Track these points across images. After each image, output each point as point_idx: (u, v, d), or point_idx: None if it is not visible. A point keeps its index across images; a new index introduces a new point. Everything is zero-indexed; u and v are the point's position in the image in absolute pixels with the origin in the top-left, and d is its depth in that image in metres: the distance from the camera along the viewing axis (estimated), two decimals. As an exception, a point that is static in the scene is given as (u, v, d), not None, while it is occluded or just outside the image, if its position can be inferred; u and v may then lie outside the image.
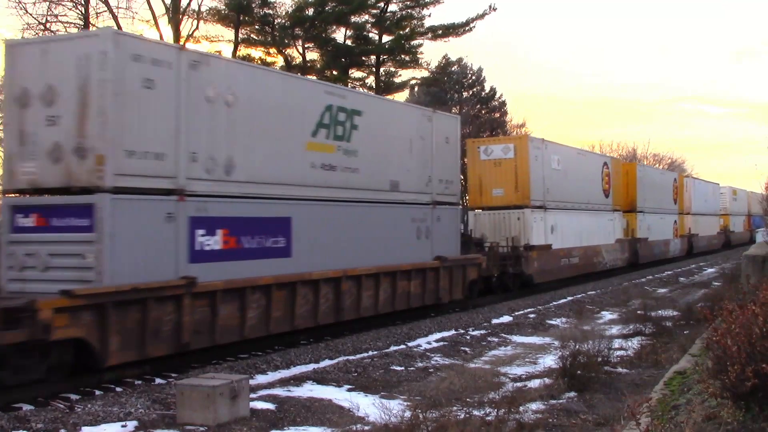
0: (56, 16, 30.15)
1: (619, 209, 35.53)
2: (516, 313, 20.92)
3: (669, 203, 43.36)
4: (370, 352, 14.82)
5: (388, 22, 43.03)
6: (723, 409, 7.28)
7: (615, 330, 17.84)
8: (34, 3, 30.23)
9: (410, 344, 15.87)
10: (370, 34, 44.05)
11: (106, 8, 32.05)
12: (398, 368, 13.46)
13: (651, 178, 40.70)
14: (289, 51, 42.35)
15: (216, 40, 39.70)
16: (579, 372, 11.61)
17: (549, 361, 13.90)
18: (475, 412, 9.46)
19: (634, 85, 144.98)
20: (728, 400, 7.21)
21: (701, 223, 51.22)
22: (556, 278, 28.01)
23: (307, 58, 42.75)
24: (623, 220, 36.09)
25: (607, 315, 21.06)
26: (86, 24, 30.39)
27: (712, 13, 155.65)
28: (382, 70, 44.90)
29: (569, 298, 24.79)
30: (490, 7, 42.66)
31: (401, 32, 43.39)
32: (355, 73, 45.25)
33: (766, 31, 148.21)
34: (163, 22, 35.47)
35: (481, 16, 43.18)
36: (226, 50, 38.91)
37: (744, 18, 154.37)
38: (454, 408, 9.74)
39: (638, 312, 19.30)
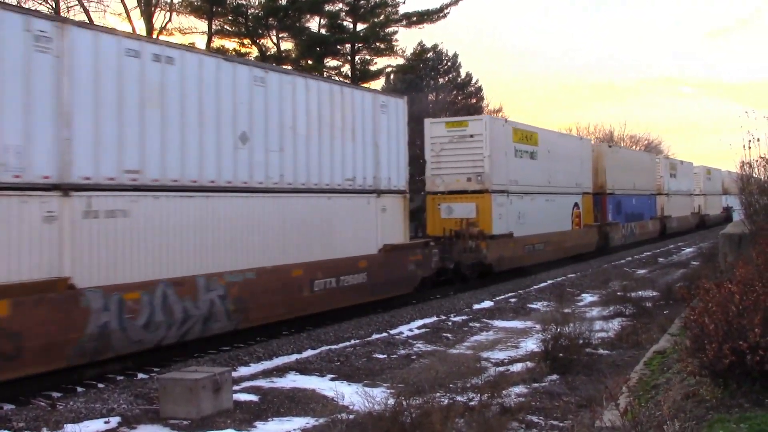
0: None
1: None
2: (497, 298, 21.01)
3: None
4: (353, 341, 14.84)
5: (362, 10, 42.84)
6: (702, 386, 7.37)
7: (596, 312, 17.97)
8: (3, -3, 29.72)
9: (392, 332, 15.91)
10: (345, 23, 43.84)
11: (77, 2, 31.67)
12: (381, 356, 13.49)
13: None
14: (263, 41, 42.09)
15: (189, 32, 39.31)
16: (561, 355, 11.71)
17: (531, 344, 13.99)
18: (459, 398, 9.52)
19: (609, 67, 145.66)
20: (707, 378, 7.30)
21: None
22: None
23: (282, 48, 42.52)
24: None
25: (588, 297, 21.21)
26: (57, 18, 29.98)
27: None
28: (357, 58, 44.70)
29: (549, 282, 24.93)
30: (463, -8, 42.60)
31: (376, 20, 43.24)
32: (331, 62, 45.07)
33: (739, 11, 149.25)
34: (136, 14, 35.13)
35: (455, 2, 43.11)
36: (200, 42, 38.58)
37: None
38: (438, 394, 9.77)
39: (618, 293, 19.46)
